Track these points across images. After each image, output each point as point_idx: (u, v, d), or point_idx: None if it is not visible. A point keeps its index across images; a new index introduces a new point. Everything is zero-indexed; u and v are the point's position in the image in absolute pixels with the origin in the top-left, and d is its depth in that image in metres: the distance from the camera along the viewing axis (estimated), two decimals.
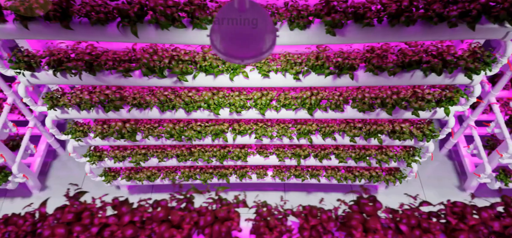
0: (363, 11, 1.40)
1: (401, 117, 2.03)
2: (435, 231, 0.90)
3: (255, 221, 0.93)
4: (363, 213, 0.93)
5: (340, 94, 1.98)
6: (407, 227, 0.90)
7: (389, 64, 1.63)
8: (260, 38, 0.93)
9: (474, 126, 2.87)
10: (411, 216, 0.93)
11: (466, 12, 1.34)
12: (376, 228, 0.88)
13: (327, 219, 0.92)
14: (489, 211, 0.94)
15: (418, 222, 0.92)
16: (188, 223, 0.87)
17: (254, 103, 1.97)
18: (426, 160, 3.52)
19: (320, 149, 2.57)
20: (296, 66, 1.69)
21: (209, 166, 2.81)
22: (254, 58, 0.92)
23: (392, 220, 0.94)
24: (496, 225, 0.90)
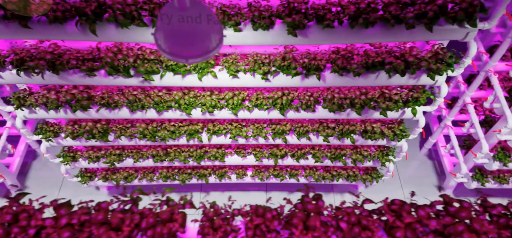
0: (323, 13, 1.40)
1: (371, 117, 2.05)
2: (374, 228, 0.91)
3: (201, 222, 0.93)
4: (306, 212, 0.94)
5: (311, 95, 1.99)
6: (347, 224, 0.91)
7: (353, 65, 1.64)
8: (204, 37, 0.93)
9: (450, 126, 2.91)
10: (352, 214, 0.94)
11: (423, 14, 1.36)
12: (315, 226, 0.89)
13: (271, 218, 0.92)
14: (427, 210, 0.95)
15: (358, 220, 0.93)
16: (128, 225, 0.87)
17: (226, 103, 1.97)
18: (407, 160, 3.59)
19: (297, 149, 2.58)
20: (263, 66, 1.70)
21: (188, 167, 2.80)
22: (199, 57, 0.91)
23: (333, 218, 0.94)
24: (432, 224, 0.91)
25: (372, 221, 0.91)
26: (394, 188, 3.32)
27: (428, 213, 0.93)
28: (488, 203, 0.95)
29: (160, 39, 0.91)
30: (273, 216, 0.92)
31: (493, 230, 0.87)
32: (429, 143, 3.35)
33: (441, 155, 3.22)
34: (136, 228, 0.89)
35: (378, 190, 3.29)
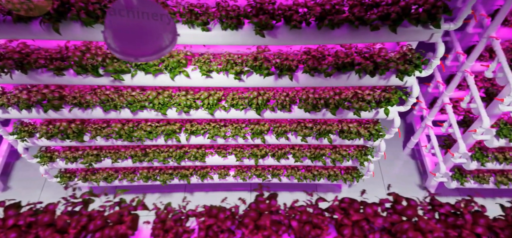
0: (290, 14, 1.41)
1: (346, 117, 2.06)
2: (324, 227, 0.91)
3: (154, 224, 0.93)
4: (259, 211, 0.94)
5: (286, 95, 1.99)
6: (298, 223, 0.91)
7: (324, 66, 1.65)
8: (155, 35, 0.92)
9: (431, 126, 2.94)
10: (304, 212, 0.94)
11: (386, 15, 1.37)
12: (265, 225, 0.89)
13: (224, 218, 0.92)
14: (374, 207, 0.96)
15: (309, 218, 0.94)
16: (74, 227, 0.87)
17: (202, 103, 1.97)
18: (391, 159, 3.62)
19: (277, 149, 2.59)
20: (236, 66, 1.70)
21: (169, 167, 2.79)
22: (149, 56, 0.91)
23: (286, 216, 0.95)
24: (379, 221, 0.92)
25: (322, 219, 0.92)
26: (377, 188, 3.35)
27: (375, 210, 0.94)
28: (436, 202, 0.96)
29: (109, 37, 0.90)
30: (226, 216, 0.92)
31: (440, 229, 0.88)
32: (411, 143, 3.38)
33: (423, 155, 3.25)
34: (84, 230, 0.89)
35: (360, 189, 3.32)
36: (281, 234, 0.89)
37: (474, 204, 0.97)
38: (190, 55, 1.73)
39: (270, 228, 0.88)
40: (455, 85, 2.51)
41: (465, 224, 0.89)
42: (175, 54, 1.65)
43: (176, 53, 1.65)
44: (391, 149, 3.63)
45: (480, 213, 0.93)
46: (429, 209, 0.95)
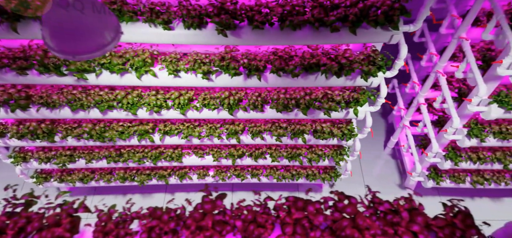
0: (251, 14, 1.41)
1: (318, 117, 2.07)
2: (268, 225, 0.92)
3: (95, 226, 0.93)
4: (204, 212, 0.94)
5: (258, 95, 2.00)
6: (243, 222, 0.92)
7: (290, 66, 1.66)
8: (94, 32, 0.91)
9: (408, 126, 2.97)
10: (250, 212, 0.95)
11: (344, 17, 1.38)
12: (207, 226, 0.89)
13: (168, 219, 0.92)
14: (317, 206, 0.97)
15: (254, 217, 0.94)
16: (12, 228, 0.86)
17: (173, 103, 1.96)
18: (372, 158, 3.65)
19: (255, 149, 2.59)
20: (203, 66, 1.69)
21: (146, 168, 2.78)
22: (88, 54, 0.90)
23: (231, 217, 0.95)
24: (319, 219, 0.93)
25: (266, 218, 0.93)
26: (357, 187, 3.37)
27: (317, 209, 0.95)
28: (376, 199, 0.97)
29: (46, 36, 0.89)
30: (170, 217, 0.92)
31: (377, 226, 0.89)
32: (391, 143, 3.41)
33: (403, 154, 3.28)
34: (22, 232, 0.88)
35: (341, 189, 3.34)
36: (225, 234, 0.90)
37: (412, 202, 0.98)
38: (157, 54, 1.72)
39: (212, 229, 0.88)
40: (429, 85, 2.54)
41: (401, 221, 0.91)
42: (140, 53, 1.64)
43: (141, 52, 1.64)
44: (373, 149, 3.67)
45: (418, 211, 0.94)
46: (370, 206, 0.96)
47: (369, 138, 3.74)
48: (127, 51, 1.63)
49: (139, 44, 1.70)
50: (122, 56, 1.62)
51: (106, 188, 3.22)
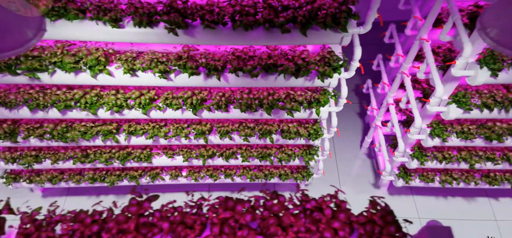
0: (202, 13, 1.41)
1: (283, 117, 2.08)
2: (196, 226, 0.92)
3: (18, 228, 0.92)
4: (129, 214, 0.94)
5: (222, 95, 1.99)
6: (170, 224, 0.92)
7: (248, 67, 1.66)
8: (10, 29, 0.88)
9: (379, 126, 3.01)
10: (179, 213, 0.95)
11: (293, 18, 1.39)
12: (129, 228, 0.89)
13: (91, 223, 0.92)
14: (246, 205, 0.98)
15: (182, 219, 0.94)
16: None
17: (134, 103, 1.95)
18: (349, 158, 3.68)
19: (225, 149, 2.59)
20: (161, 65, 1.69)
21: (116, 168, 2.75)
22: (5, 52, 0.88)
23: (159, 219, 0.95)
24: (247, 218, 0.93)
25: (194, 219, 0.93)
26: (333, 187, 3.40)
27: (246, 208, 0.95)
28: (304, 198, 0.98)
29: None
30: (94, 221, 0.92)
31: (302, 223, 0.90)
32: (366, 142, 3.45)
33: (377, 154, 3.33)
34: None
35: (317, 188, 3.37)
36: (151, 236, 0.89)
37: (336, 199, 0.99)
38: (113, 52, 1.70)
39: (135, 231, 0.88)
40: (397, 86, 2.57)
41: (322, 218, 0.92)
42: (93, 51, 1.62)
43: (94, 50, 1.62)
44: (349, 149, 3.70)
45: (341, 208, 0.95)
46: (298, 204, 0.97)
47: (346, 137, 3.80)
48: (80, 50, 1.61)
49: (94, 42, 1.68)
50: (75, 54, 1.60)
51: (79, 189, 3.17)
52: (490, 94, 1.81)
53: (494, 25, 0.87)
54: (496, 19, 0.87)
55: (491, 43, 0.88)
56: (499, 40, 0.87)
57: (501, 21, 0.86)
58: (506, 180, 2.72)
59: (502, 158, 2.41)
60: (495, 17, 0.87)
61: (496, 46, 0.88)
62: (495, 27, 0.87)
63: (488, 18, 0.88)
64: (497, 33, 0.87)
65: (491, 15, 0.88)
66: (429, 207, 3.23)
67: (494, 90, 1.82)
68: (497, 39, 0.87)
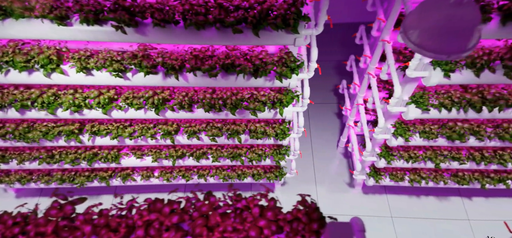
0: (151, 11, 1.40)
1: (247, 117, 2.09)
2: (121, 229, 0.91)
3: None
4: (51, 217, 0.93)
5: (185, 94, 1.98)
6: (93, 227, 0.91)
7: (206, 66, 1.66)
8: None
9: (352, 126, 3.04)
10: (103, 216, 0.94)
11: (244, 19, 1.39)
12: (46, 232, 0.88)
13: (12, 225, 0.90)
14: (175, 206, 0.97)
15: (107, 222, 0.93)
16: None
17: (94, 102, 1.92)
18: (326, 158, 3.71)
19: (196, 149, 2.58)
20: (115, 64, 1.67)
21: (85, 169, 2.71)
22: None
23: (83, 222, 0.94)
24: (174, 219, 0.93)
25: (119, 222, 0.92)
26: (308, 186, 3.42)
27: (173, 209, 0.95)
28: (236, 197, 0.99)
29: None
30: (16, 223, 0.90)
31: (230, 223, 0.90)
32: (341, 142, 3.49)
33: (352, 153, 3.36)
34: None
35: (293, 188, 3.38)
36: None
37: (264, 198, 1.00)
38: (66, 51, 1.68)
39: (53, 234, 0.87)
40: (365, 86, 2.61)
41: (248, 217, 0.92)
42: (44, 50, 1.59)
43: (45, 49, 1.60)
44: (326, 148, 3.73)
45: (269, 206, 0.96)
46: (230, 204, 0.98)
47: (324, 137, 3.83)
48: (33, 48, 1.58)
49: (48, 41, 1.66)
50: (27, 53, 1.57)
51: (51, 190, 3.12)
52: (448, 94, 1.85)
53: (415, 28, 0.89)
54: (416, 23, 0.88)
55: (413, 46, 0.90)
56: (420, 43, 0.88)
57: (421, 25, 0.88)
58: (476, 180, 2.78)
59: (468, 158, 2.47)
60: (416, 21, 0.88)
61: (417, 49, 0.90)
62: (415, 31, 0.89)
63: (410, 22, 0.90)
64: (417, 37, 0.88)
65: (412, 19, 0.89)
66: (401, 206, 3.28)
67: (451, 91, 1.85)
68: (417, 42, 0.89)
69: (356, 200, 3.34)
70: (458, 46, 0.85)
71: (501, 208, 3.23)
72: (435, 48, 0.86)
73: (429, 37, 0.86)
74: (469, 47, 0.85)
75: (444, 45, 0.85)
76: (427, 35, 0.86)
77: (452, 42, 0.85)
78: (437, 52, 0.86)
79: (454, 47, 0.85)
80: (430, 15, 0.85)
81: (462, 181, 2.77)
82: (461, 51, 0.86)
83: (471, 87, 1.84)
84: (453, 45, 0.85)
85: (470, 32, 0.84)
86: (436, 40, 0.86)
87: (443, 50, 0.86)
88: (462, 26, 0.83)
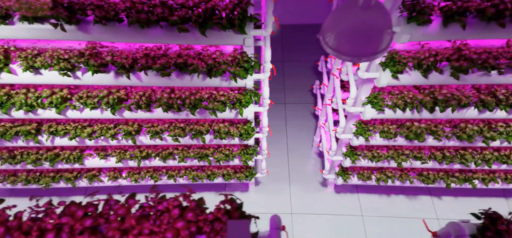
0: (92, 9, 1.38)
1: (208, 117, 2.08)
2: (34, 233, 0.90)
3: None
4: None
5: (142, 94, 1.96)
6: (6, 229, 0.89)
7: (158, 65, 1.65)
8: None
9: (322, 126, 3.07)
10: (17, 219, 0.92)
11: (188, 18, 1.39)
12: None
13: None
14: (90, 209, 0.97)
15: (19, 224, 0.92)
16: None
17: (47, 102, 1.88)
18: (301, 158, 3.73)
19: (161, 149, 2.56)
20: (63, 62, 1.64)
21: (50, 170, 2.66)
22: None
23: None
24: (87, 223, 0.92)
25: (31, 225, 0.90)
26: (282, 185, 3.44)
27: (85, 212, 0.94)
28: (155, 199, 0.98)
29: None
30: None
31: (148, 226, 0.90)
32: (315, 142, 3.51)
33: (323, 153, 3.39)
34: None
35: (267, 187, 3.40)
36: None
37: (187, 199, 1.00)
38: (14, 50, 1.64)
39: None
40: (332, 87, 2.64)
41: (164, 219, 0.92)
42: None
43: None
44: (301, 148, 3.75)
45: (190, 208, 0.96)
46: (152, 206, 0.97)
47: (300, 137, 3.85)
48: None
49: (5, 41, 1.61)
50: None
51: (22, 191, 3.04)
52: (401, 95, 1.88)
53: (331, 32, 0.90)
54: (332, 27, 0.90)
55: (330, 50, 0.91)
56: (336, 47, 0.90)
57: (336, 29, 0.89)
58: (441, 179, 2.84)
59: (429, 157, 2.52)
60: (331, 25, 0.90)
61: (334, 53, 0.91)
62: (332, 34, 0.90)
63: (326, 26, 0.91)
64: (333, 41, 0.90)
65: (328, 23, 0.90)
66: (372, 205, 3.32)
67: (405, 91, 1.89)
68: (334, 46, 0.90)
69: (329, 199, 3.37)
70: (370, 48, 0.86)
71: (471, 207, 3.31)
72: (349, 51, 0.87)
73: (343, 41, 0.87)
74: (381, 50, 0.87)
75: (357, 48, 0.87)
76: (341, 39, 0.87)
77: (364, 45, 0.86)
78: (351, 55, 0.88)
79: (366, 50, 0.87)
80: (343, 19, 0.87)
81: (426, 180, 2.83)
82: (373, 54, 0.87)
83: (424, 88, 1.88)
84: (366, 48, 0.86)
85: (380, 35, 0.85)
86: (350, 44, 0.87)
87: (356, 53, 0.87)
88: (373, 29, 0.85)
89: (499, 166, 2.51)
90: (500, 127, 2.11)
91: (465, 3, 1.31)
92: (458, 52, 1.55)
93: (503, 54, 1.58)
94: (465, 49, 1.55)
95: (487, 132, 2.11)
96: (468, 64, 1.53)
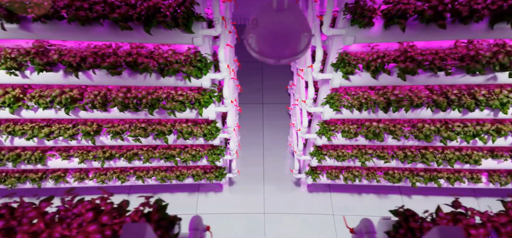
0: (31, 6, 1.35)
1: (168, 117, 2.06)
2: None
3: None
4: None
5: (98, 93, 1.93)
6: None
7: (106, 63, 1.62)
8: None
9: (292, 125, 3.09)
10: None
11: (129, 16, 1.37)
12: None
13: None
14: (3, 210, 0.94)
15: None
16: None
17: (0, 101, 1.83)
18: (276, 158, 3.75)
19: (126, 150, 2.52)
20: (9, 61, 1.59)
21: (15, 170, 2.59)
22: None
23: None
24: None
25: None
26: (256, 185, 3.44)
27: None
28: (70, 203, 0.97)
29: None
30: None
31: (59, 230, 0.88)
32: (289, 141, 3.53)
33: None
34: None
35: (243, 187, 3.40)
36: None
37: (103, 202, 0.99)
38: None
39: None
40: (299, 86, 2.65)
41: (74, 223, 0.91)
42: None
43: None
44: (277, 148, 3.77)
45: (106, 211, 0.95)
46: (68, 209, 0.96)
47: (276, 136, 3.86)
48: None
49: None
50: None
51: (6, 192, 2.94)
52: (357, 95, 1.91)
53: (252, 35, 0.90)
54: (254, 30, 0.90)
55: (254, 53, 0.92)
56: (258, 49, 0.90)
57: (257, 32, 0.90)
58: (406, 178, 2.90)
59: (392, 156, 2.57)
60: (253, 28, 0.90)
61: (257, 55, 0.92)
62: (254, 37, 0.90)
63: (249, 29, 0.91)
64: (256, 43, 0.90)
65: (250, 27, 0.91)
66: (343, 204, 3.37)
67: (360, 92, 1.92)
68: (257, 49, 0.90)
69: (301, 199, 3.40)
70: (289, 50, 0.87)
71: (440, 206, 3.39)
72: (270, 53, 0.88)
73: (264, 43, 0.88)
74: (299, 51, 0.88)
75: (276, 50, 0.87)
76: (262, 42, 0.88)
77: (282, 47, 0.87)
78: (272, 57, 0.89)
79: (285, 52, 0.87)
80: (263, 22, 0.87)
81: (392, 179, 2.88)
82: (293, 55, 0.88)
83: (378, 88, 1.92)
84: (284, 49, 0.87)
85: (297, 36, 0.86)
86: (270, 45, 0.88)
87: (276, 55, 0.88)
88: (289, 32, 0.86)
89: (462, 166, 2.57)
90: (457, 127, 2.17)
91: (404, 6, 1.34)
92: (404, 54, 1.58)
93: (450, 55, 1.62)
94: (411, 51, 1.58)
95: (445, 132, 2.17)
96: (414, 66, 1.56)
